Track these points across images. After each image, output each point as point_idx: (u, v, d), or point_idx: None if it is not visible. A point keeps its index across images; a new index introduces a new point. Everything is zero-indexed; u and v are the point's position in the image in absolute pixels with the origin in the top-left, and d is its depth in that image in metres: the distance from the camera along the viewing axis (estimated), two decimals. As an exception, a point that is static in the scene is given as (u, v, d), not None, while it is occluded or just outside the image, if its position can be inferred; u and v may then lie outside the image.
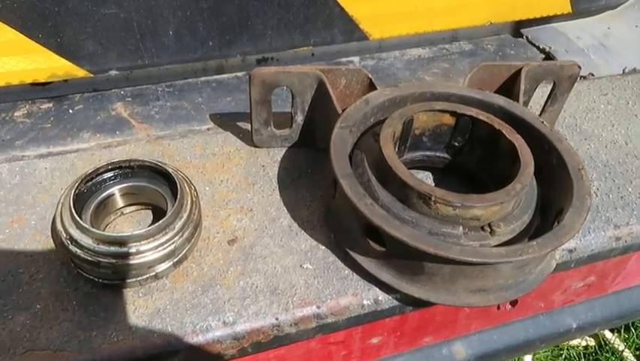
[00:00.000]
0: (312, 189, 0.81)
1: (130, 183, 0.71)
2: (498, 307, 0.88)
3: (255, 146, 0.88)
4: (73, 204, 0.65)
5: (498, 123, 0.75)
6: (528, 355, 2.19)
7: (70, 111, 0.95)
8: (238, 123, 0.94)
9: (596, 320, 0.99)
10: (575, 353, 2.22)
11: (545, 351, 2.22)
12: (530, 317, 0.95)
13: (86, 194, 0.69)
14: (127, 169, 0.71)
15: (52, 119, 0.92)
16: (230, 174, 0.83)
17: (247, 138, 0.89)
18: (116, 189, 0.71)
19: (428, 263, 0.63)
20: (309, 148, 0.88)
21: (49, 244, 0.70)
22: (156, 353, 0.61)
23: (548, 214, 0.71)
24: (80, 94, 0.99)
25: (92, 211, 0.67)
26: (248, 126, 0.88)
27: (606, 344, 2.22)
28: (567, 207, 0.66)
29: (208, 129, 0.93)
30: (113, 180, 0.71)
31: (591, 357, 2.23)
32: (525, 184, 0.67)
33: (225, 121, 0.95)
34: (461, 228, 0.65)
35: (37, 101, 0.96)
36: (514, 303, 0.87)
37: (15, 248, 0.69)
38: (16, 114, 0.93)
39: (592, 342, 2.26)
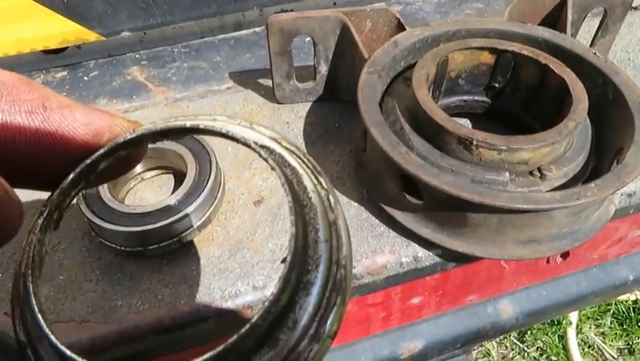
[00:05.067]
0: (341, 144, 0.76)
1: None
2: (547, 261, 0.82)
3: (278, 102, 0.83)
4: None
5: (544, 57, 0.68)
6: (574, 311, 2.12)
7: (86, 78, 0.91)
8: (259, 80, 0.88)
9: (656, 270, 0.92)
10: (624, 308, 2.14)
11: (592, 307, 2.15)
12: (582, 270, 0.89)
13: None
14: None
15: (67, 87, 0.89)
16: (253, 132, 0.78)
17: (269, 94, 0.84)
18: None
19: (472, 214, 0.57)
20: (336, 101, 0.82)
21: (71, 213, 0.67)
22: (184, 320, 0.57)
23: (605, 155, 0.64)
24: (94, 60, 0.95)
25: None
26: (269, 83, 0.82)
27: (658, 298, 2.13)
28: (628, 144, 0.59)
29: (228, 88, 0.88)
30: None
31: (641, 311, 2.14)
32: (579, 122, 0.59)
33: (245, 79, 0.90)
34: (507, 174, 0.58)
35: (51, 70, 0.93)
36: (565, 256, 0.80)
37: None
38: (31, 85, 0.89)
39: (642, 296, 2.16)
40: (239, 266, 0.61)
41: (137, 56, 0.96)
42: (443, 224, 0.60)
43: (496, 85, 0.74)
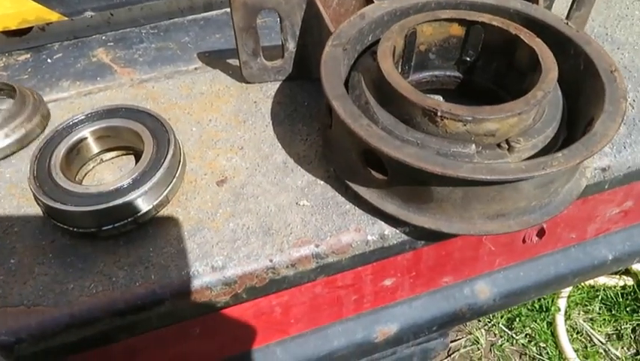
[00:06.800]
0: (309, 123, 0.74)
1: (103, 125, 0.65)
2: (524, 241, 0.80)
3: (247, 82, 0.80)
4: (41, 152, 0.60)
5: (515, 28, 0.65)
6: (562, 298, 2.12)
7: (49, 61, 0.88)
8: (228, 61, 0.86)
9: (635, 249, 0.90)
10: (612, 294, 2.13)
11: (581, 293, 2.14)
12: (561, 250, 0.87)
13: (56, 139, 0.62)
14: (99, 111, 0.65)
15: (29, 70, 0.86)
16: (220, 112, 0.76)
17: (237, 74, 0.81)
18: (87, 132, 0.64)
19: (436, 188, 0.55)
20: (305, 80, 0.80)
21: (25, 196, 0.64)
22: (139, 303, 0.55)
23: (576, 127, 0.62)
24: (59, 42, 0.92)
25: (62, 157, 0.61)
26: (238, 62, 0.80)
27: (646, 283, 2.12)
28: (598, 114, 0.57)
29: (195, 69, 0.86)
30: (84, 122, 0.64)
31: (630, 297, 2.14)
32: (547, 91, 0.57)
33: (214, 59, 0.87)
34: (474, 146, 0.56)
35: (14, 53, 0.90)
36: (541, 234, 0.78)
37: (-11, 203, 0.64)
38: (-8, 68, 0.87)
39: (630, 281, 2.17)
40: (198, 247, 0.59)
41: (104, 37, 0.93)
42: (408, 200, 0.58)
43: (468, 59, 0.71)
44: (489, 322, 2.08)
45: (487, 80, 0.72)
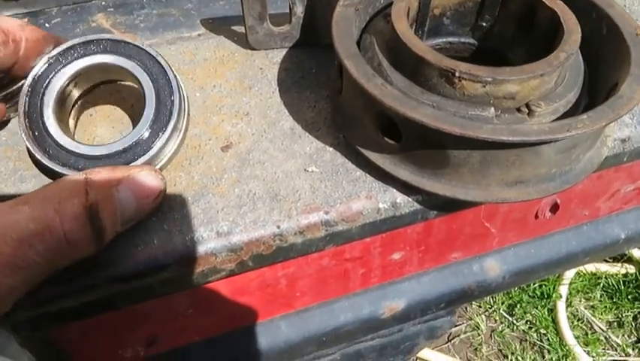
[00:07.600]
0: (317, 90, 0.71)
1: (90, 63, 0.60)
2: (536, 216, 0.78)
3: (252, 48, 0.77)
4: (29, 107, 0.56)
5: (534, -10, 0.63)
6: (564, 285, 2.11)
7: (47, 25, 0.85)
8: (233, 27, 0.83)
9: (648, 228, 0.88)
10: (613, 282, 2.12)
11: (582, 280, 2.13)
12: (573, 228, 0.85)
13: (41, 82, 0.58)
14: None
15: (26, 34, 0.83)
16: (224, 78, 0.73)
17: (242, 41, 0.78)
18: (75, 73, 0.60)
19: (453, 151, 0.52)
20: (313, 46, 0.77)
21: (22, 159, 0.62)
22: (141, 268, 0.53)
23: (598, 93, 0.59)
24: (57, 7, 0.89)
25: (54, 104, 0.57)
26: (243, 29, 0.77)
27: (648, 270, 2.11)
28: (623, 78, 0.54)
29: (199, 35, 0.83)
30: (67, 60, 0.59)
31: (631, 285, 2.13)
32: (570, 53, 0.55)
33: (218, 25, 0.84)
34: (492, 109, 0.54)
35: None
36: (554, 209, 0.76)
37: (-17, 165, 0.62)
38: (-13, 31, 0.83)
39: (632, 269, 2.16)
40: (202, 212, 0.57)
41: (103, 3, 0.90)
42: (423, 165, 0.56)
43: (484, 24, 0.69)
44: (489, 308, 2.07)
45: (503, 46, 0.69)
